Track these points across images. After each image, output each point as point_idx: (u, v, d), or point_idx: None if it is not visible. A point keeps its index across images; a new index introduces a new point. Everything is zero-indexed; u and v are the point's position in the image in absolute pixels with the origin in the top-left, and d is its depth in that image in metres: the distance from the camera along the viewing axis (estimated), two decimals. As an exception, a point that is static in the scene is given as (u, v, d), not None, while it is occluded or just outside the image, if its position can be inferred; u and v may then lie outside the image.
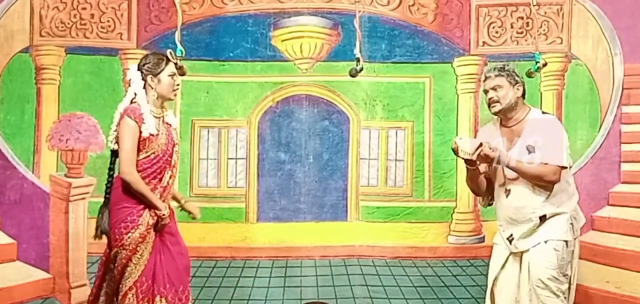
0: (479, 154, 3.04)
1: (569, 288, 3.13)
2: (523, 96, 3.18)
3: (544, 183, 3.06)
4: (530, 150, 3.06)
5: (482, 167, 3.28)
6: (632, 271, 3.95)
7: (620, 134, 4.10)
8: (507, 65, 3.21)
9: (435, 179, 4.26)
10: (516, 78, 3.14)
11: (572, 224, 3.08)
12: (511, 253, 3.19)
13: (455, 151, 3.10)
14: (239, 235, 4.23)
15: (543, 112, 3.25)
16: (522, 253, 3.14)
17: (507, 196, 3.18)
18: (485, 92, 3.20)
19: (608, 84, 4.13)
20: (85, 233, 4.07)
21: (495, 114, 3.19)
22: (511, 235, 3.17)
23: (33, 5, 4.12)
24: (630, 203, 4.04)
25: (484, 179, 3.31)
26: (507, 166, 3.11)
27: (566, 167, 3.06)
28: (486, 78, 3.20)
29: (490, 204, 3.37)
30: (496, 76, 3.15)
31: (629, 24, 4.09)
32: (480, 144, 3.04)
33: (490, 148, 3.04)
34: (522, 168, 3.08)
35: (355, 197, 4.29)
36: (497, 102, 3.14)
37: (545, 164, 3.02)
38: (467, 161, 3.14)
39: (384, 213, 4.27)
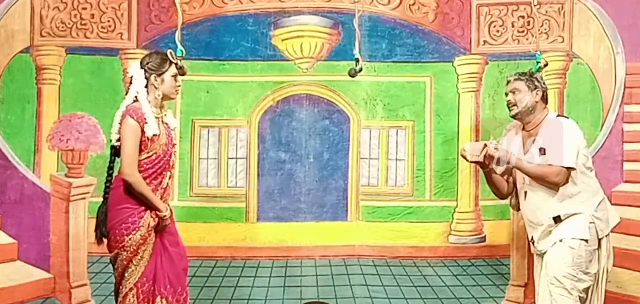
0: (485, 155, 3.10)
1: (594, 288, 3.14)
2: (545, 100, 3.25)
3: (548, 184, 3.09)
4: (541, 152, 3.10)
5: (499, 169, 3.32)
6: (635, 271, 3.94)
7: (623, 133, 4.09)
8: (531, 70, 3.32)
9: (436, 179, 4.25)
10: (536, 83, 3.24)
11: (593, 223, 3.09)
12: (538, 255, 3.27)
13: (465, 157, 3.20)
14: (239, 235, 4.23)
15: (558, 115, 3.29)
16: (543, 254, 3.20)
17: (524, 199, 3.22)
18: (506, 95, 3.31)
19: (610, 83, 4.12)
20: (86, 233, 4.07)
21: (513, 117, 3.30)
22: (533, 238, 3.25)
23: (34, 6, 4.12)
24: (633, 203, 4.03)
25: (504, 182, 3.35)
26: (515, 166, 3.16)
27: (574, 169, 3.07)
28: (508, 82, 3.32)
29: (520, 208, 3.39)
30: (515, 79, 3.29)
31: (631, 23, 4.08)
32: (485, 145, 3.10)
33: (495, 148, 3.10)
34: (525, 168, 3.15)
35: (355, 197, 4.27)
36: (515, 105, 3.25)
37: (549, 165, 3.06)
38: (480, 164, 3.24)
39: (385, 213, 4.25)
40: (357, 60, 3.75)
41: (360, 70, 3.75)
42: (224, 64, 4.22)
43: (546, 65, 3.67)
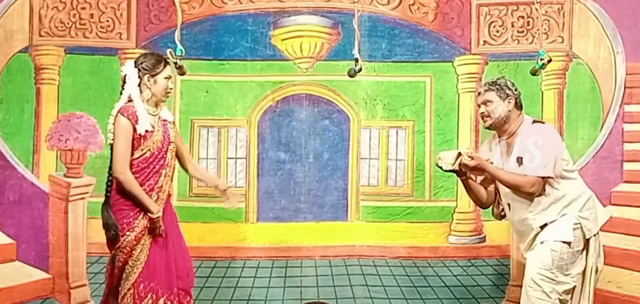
0: (459, 164, 3.06)
1: (580, 288, 3.11)
2: (519, 107, 3.18)
3: (522, 194, 3.06)
4: (519, 162, 3.06)
5: (479, 178, 3.31)
6: (634, 271, 3.94)
7: (623, 133, 4.09)
8: (500, 79, 3.21)
9: (435, 179, 4.24)
10: (507, 91, 3.14)
11: (578, 224, 3.05)
12: None
13: (440, 166, 3.13)
14: (239, 235, 4.22)
15: (534, 121, 3.22)
16: None
17: (509, 209, 3.20)
18: (479, 106, 3.24)
19: (610, 83, 4.12)
20: (84, 233, 4.07)
21: (487, 128, 3.22)
22: (523, 245, 3.24)
23: (32, 5, 4.11)
24: (633, 203, 4.03)
25: (483, 190, 3.32)
26: (489, 174, 3.13)
27: (551, 177, 3.04)
28: (478, 94, 3.25)
29: (503, 216, 3.37)
30: (486, 90, 3.19)
31: (630, 23, 4.08)
32: (459, 154, 3.06)
33: (469, 156, 3.06)
34: (501, 176, 3.11)
35: (355, 197, 4.27)
36: (488, 116, 3.17)
37: (525, 175, 3.02)
38: (456, 173, 3.18)
39: (385, 213, 4.25)
40: (356, 60, 3.74)
41: (360, 70, 3.74)
42: (223, 64, 4.21)
43: (549, 61, 3.63)
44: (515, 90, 3.17)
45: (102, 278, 4.02)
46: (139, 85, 3.08)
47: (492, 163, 3.15)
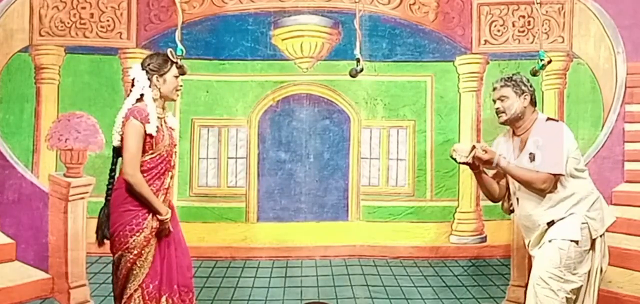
0: (473, 157, 3.08)
1: (585, 288, 3.13)
2: (534, 103, 3.21)
3: (534, 190, 3.08)
4: (531, 158, 3.08)
5: (490, 172, 3.32)
6: (635, 271, 3.93)
7: (624, 132, 4.08)
8: (516, 75, 3.25)
9: (437, 179, 4.24)
10: (523, 88, 3.19)
11: (585, 224, 3.08)
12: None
13: (453, 158, 3.20)
14: (239, 235, 4.21)
15: (548, 118, 3.25)
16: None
17: (517, 204, 3.21)
18: (494, 102, 3.28)
19: (611, 83, 4.12)
20: (84, 232, 4.05)
21: (502, 123, 3.26)
22: (528, 242, 3.26)
23: (32, 5, 4.10)
24: (634, 202, 4.02)
25: (495, 184, 3.34)
26: (502, 169, 3.15)
27: (562, 175, 3.06)
28: (494, 88, 3.29)
29: (512, 211, 3.38)
30: (502, 86, 3.24)
31: (631, 23, 4.08)
32: (473, 147, 3.09)
33: (483, 150, 3.09)
34: (513, 172, 3.14)
35: (356, 197, 4.26)
36: (503, 112, 3.21)
37: (537, 171, 3.04)
38: (469, 166, 3.23)
39: (386, 213, 4.24)
40: (358, 60, 3.74)
41: (361, 70, 3.74)
42: (223, 64, 4.21)
43: (549, 62, 3.65)
44: (531, 87, 3.23)
45: (101, 278, 4.04)
46: (149, 86, 3.09)
47: (504, 158, 3.16)
